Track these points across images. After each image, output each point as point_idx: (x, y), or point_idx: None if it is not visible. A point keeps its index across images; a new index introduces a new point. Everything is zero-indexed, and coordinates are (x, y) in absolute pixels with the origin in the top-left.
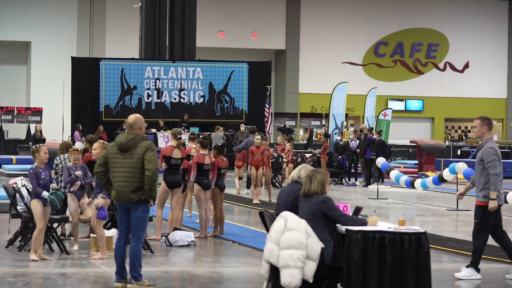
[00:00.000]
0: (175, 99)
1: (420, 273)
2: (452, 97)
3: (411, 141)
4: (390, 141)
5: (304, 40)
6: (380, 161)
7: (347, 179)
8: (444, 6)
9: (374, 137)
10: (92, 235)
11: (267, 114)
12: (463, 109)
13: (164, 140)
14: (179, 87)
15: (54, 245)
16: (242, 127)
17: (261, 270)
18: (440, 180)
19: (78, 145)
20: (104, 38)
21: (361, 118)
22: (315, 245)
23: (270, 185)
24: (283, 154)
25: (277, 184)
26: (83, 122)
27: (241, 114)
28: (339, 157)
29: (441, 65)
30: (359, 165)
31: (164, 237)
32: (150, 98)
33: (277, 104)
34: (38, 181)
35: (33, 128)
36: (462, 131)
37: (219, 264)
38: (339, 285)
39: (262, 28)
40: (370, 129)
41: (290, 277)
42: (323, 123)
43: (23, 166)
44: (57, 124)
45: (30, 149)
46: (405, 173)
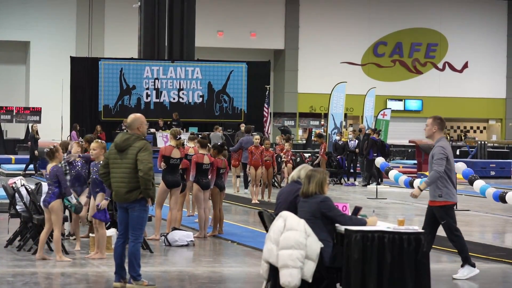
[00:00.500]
0: (174, 99)
1: (419, 273)
2: (451, 97)
3: (410, 141)
4: (389, 141)
5: (303, 40)
6: (379, 161)
7: (346, 179)
8: (443, 6)
9: (377, 138)
10: (91, 235)
11: (266, 114)
12: (462, 109)
13: (163, 140)
14: (178, 87)
15: (54, 245)
16: (242, 127)
17: (260, 270)
18: None
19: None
20: (103, 38)
21: (360, 118)
22: (314, 245)
23: (271, 185)
24: (282, 154)
25: (276, 184)
26: (82, 122)
27: (240, 114)
28: (338, 157)
29: (440, 65)
30: (358, 165)
31: (163, 237)
32: (149, 98)
33: (276, 104)
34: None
35: (30, 128)
36: (461, 131)
37: (218, 264)
38: (338, 285)
39: (261, 28)
40: (374, 130)
41: (289, 277)
42: (322, 123)
43: (22, 166)
44: (56, 124)
45: (45, 151)
46: (404, 173)
